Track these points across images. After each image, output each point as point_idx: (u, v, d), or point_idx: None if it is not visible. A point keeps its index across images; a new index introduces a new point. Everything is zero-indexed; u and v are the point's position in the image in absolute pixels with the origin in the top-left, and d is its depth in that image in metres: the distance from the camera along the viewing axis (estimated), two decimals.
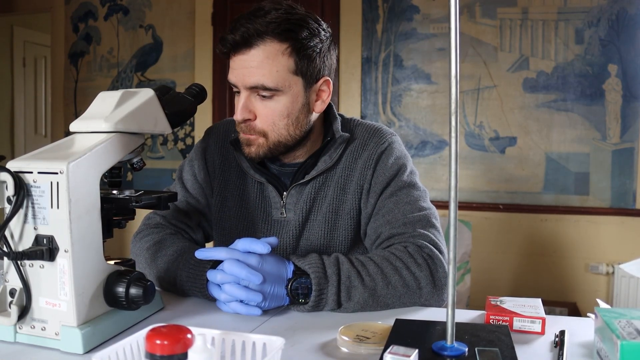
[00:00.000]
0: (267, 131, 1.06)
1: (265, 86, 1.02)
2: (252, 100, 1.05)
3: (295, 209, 1.13)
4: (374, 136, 1.15)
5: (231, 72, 1.05)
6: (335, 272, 0.93)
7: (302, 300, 0.92)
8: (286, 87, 1.03)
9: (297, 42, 1.02)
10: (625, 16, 2.74)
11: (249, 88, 1.03)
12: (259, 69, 1.01)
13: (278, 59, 1.01)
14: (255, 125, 1.06)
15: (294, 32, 1.01)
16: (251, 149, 1.08)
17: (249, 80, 1.02)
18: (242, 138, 1.09)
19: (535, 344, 0.80)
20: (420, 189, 1.12)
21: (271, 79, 1.01)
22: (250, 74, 1.01)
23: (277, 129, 1.06)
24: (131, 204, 0.89)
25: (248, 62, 1.01)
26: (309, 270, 0.92)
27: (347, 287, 0.93)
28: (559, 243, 2.89)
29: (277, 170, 1.16)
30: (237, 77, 1.04)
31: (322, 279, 0.92)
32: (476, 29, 2.95)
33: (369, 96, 3.14)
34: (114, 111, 0.87)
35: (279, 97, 1.04)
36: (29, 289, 0.78)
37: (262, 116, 1.05)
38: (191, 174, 1.22)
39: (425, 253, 1.00)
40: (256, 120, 1.05)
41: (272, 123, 1.05)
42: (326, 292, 0.92)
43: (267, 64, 1.00)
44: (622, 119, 2.77)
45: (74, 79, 3.82)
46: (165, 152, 3.60)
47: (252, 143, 1.07)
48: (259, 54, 1.00)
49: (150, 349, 0.48)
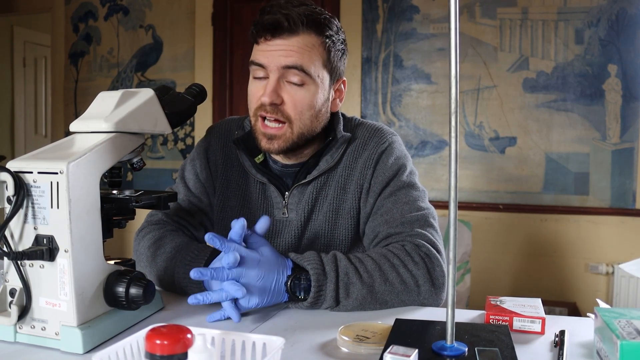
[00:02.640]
0: (294, 119, 1.06)
1: (303, 68, 1.03)
2: (282, 85, 1.05)
3: (297, 209, 1.13)
4: (374, 136, 1.16)
5: (261, 54, 1.04)
6: (334, 268, 0.94)
7: (300, 297, 0.92)
8: (317, 78, 1.06)
9: (329, 39, 1.06)
10: (625, 16, 2.74)
11: (284, 68, 1.03)
12: (299, 54, 1.03)
13: (316, 49, 1.05)
14: (283, 109, 1.05)
15: (329, 28, 1.06)
16: (273, 143, 1.07)
17: (285, 60, 1.02)
18: (264, 132, 1.07)
19: (535, 344, 0.80)
20: (420, 189, 1.13)
21: (309, 65, 1.04)
22: (289, 55, 1.03)
23: (303, 119, 1.07)
24: (131, 204, 0.89)
25: (288, 46, 1.03)
26: (307, 266, 0.93)
27: (345, 283, 0.94)
28: (559, 243, 2.89)
29: (279, 171, 1.17)
30: (271, 57, 1.03)
31: (320, 276, 0.92)
32: (476, 29, 2.95)
33: (369, 96, 3.14)
34: (114, 111, 0.87)
35: (309, 87, 1.05)
36: (29, 289, 0.78)
37: (290, 102, 1.05)
38: (193, 173, 1.22)
39: (423, 252, 1.00)
40: (283, 106, 1.05)
41: (300, 111, 1.06)
42: (325, 289, 0.92)
43: (307, 51, 1.04)
44: (622, 119, 2.77)
45: (74, 79, 3.82)
46: (165, 152, 3.60)
47: (277, 136, 1.07)
48: (299, 40, 1.03)
49: (150, 349, 0.48)
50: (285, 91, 1.05)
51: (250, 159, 1.15)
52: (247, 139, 1.16)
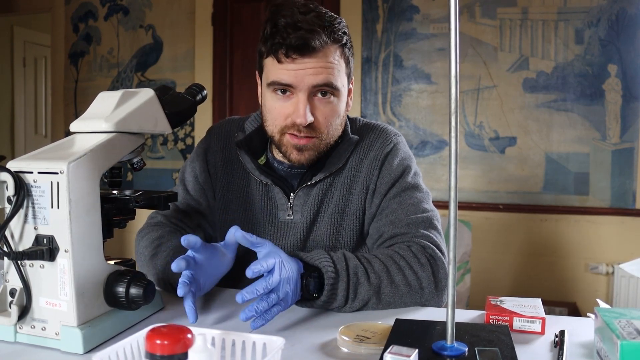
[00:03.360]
0: (324, 131, 1.06)
1: (333, 84, 1.03)
2: (312, 101, 1.04)
3: (302, 211, 1.13)
4: (379, 137, 1.16)
5: (288, 73, 1.01)
6: (344, 267, 0.94)
7: (315, 295, 0.92)
8: (342, 88, 1.07)
9: (344, 46, 1.06)
10: (625, 16, 2.74)
11: (314, 87, 1.02)
12: (328, 70, 1.02)
13: (338, 60, 1.04)
14: (315, 126, 1.05)
15: (343, 33, 1.05)
16: (304, 154, 1.07)
17: (316, 79, 1.01)
18: (295, 144, 1.06)
19: (535, 343, 0.80)
20: (424, 191, 1.13)
21: (336, 79, 1.04)
22: (319, 73, 1.01)
23: (332, 129, 1.08)
24: (131, 204, 0.89)
25: (317, 64, 1.01)
26: (319, 265, 0.92)
27: (354, 283, 0.94)
28: (559, 243, 2.89)
29: (285, 172, 1.16)
30: (300, 77, 1.01)
31: (333, 274, 0.92)
32: (476, 29, 2.95)
33: (369, 96, 3.14)
34: (114, 111, 0.87)
35: (335, 98, 1.06)
36: (29, 289, 0.78)
37: (322, 118, 1.05)
38: (192, 175, 1.22)
39: (428, 254, 1.00)
40: (315, 122, 1.05)
41: (329, 123, 1.07)
42: (337, 287, 0.92)
43: (334, 65, 1.03)
44: (622, 119, 2.77)
45: (74, 79, 3.82)
46: (165, 152, 3.60)
47: (307, 148, 1.06)
48: (326, 56, 1.02)
49: (150, 349, 0.48)
50: (315, 108, 1.04)
51: (253, 160, 1.15)
52: (250, 141, 1.16)
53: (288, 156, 1.09)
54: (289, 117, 1.04)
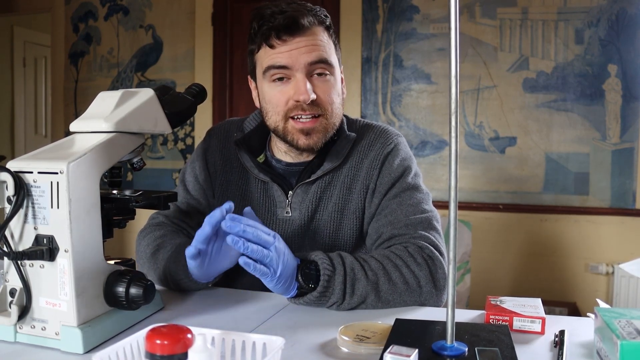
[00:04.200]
0: (328, 109, 1.09)
1: (327, 60, 1.07)
2: (310, 79, 1.06)
3: (300, 208, 1.14)
4: (380, 137, 1.17)
5: (282, 55, 1.05)
6: (341, 262, 0.95)
7: (311, 285, 0.93)
8: (336, 66, 1.10)
9: (330, 29, 1.11)
10: (625, 16, 2.74)
11: (310, 64, 1.05)
12: (320, 47, 1.06)
13: (328, 41, 1.09)
14: (318, 103, 1.07)
15: (326, 18, 1.10)
16: (312, 137, 1.09)
17: (310, 56, 1.05)
18: (301, 129, 1.08)
19: (535, 343, 0.80)
20: (424, 192, 1.13)
21: (330, 55, 1.08)
22: (312, 50, 1.05)
23: (334, 108, 1.10)
24: (131, 204, 0.89)
25: (309, 42, 1.05)
26: (315, 258, 0.94)
27: (351, 278, 0.94)
28: (559, 243, 2.89)
29: (283, 170, 1.17)
30: (295, 56, 1.05)
31: (329, 266, 0.93)
32: (476, 29, 2.95)
33: (369, 96, 3.14)
34: (114, 111, 0.87)
35: (331, 76, 1.09)
36: (29, 289, 0.78)
37: (323, 95, 1.08)
38: (192, 175, 1.23)
39: (426, 254, 1.01)
40: (317, 100, 1.07)
41: (331, 101, 1.09)
42: (333, 280, 0.93)
43: (323, 44, 1.07)
44: (621, 119, 2.77)
45: (74, 79, 3.82)
46: (165, 152, 3.60)
47: (314, 129, 1.08)
48: (314, 36, 1.06)
49: (150, 349, 0.48)
50: (315, 86, 1.07)
51: (252, 158, 1.16)
52: (249, 139, 1.18)
53: (295, 143, 1.09)
54: (291, 99, 1.06)
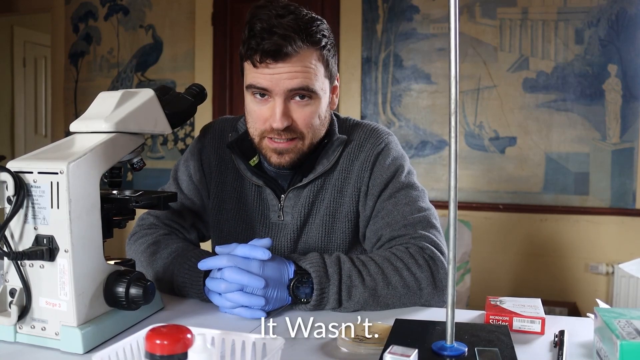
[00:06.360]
0: (305, 133, 1.05)
1: (310, 88, 1.01)
2: (288, 105, 1.03)
3: (293, 212, 1.13)
4: (370, 137, 1.14)
5: (264, 77, 1.00)
6: (337, 271, 0.93)
7: (304, 300, 0.93)
8: (321, 91, 1.05)
9: (324, 47, 1.03)
10: (625, 16, 2.74)
11: (290, 91, 1.01)
12: (303, 74, 1.00)
13: (316, 63, 1.02)
14: (293, 128, 1.04)
15: (322, 35, 1.02)
16: (284, 157, 1.06)
17: (291, 83, 1.00)
18: (273, 148, 1.06)
19: (535, 344, 0.80)
20: (419, 189, 1.12)
21: (313, 83, 1.02)
22: (294, 77, 1.00)
23: (312, 130, 1.06)
24: (131, 204, 0.89)
25: (292, 69, 0.99)
26: (310, 269, 0.92)
27: (347, 286, 0.93)
28: (559, 243, 2.89)
29: (275, 173, 1.15)
30: (275, 81, 1.00)
31: (323, 278, 0.92)
32: (476, 29, 2.95)
33: (369, 96, 3.14)
34: (114, 111, 0.87)
35: (314, 101, 1.04)
36: (29, 289, 0.78)
37: (300, 120, 1.04)
38: (186, 174, 1.22)
39: (427, 254, 1.00)
40: (294, 124, 1.04)
41: (310, 125, 1.05)
42: (327, 292, 0.92)
43: (310, 69, 1.01)
44: (621, 119, 2.77)
45: (74, 79, 3.82)
46: (165, 152, 3.60)
47: (287, 151, 1.06)
48: (301, 60, 1.00)
49: (150, 349, 0.48)
50: (293, 110, 1.03)
51: (244, 161, 1.14)
52: (241, 142, 1.15)
53: (268, 160, 1.08)
54: (267, 121, 1.04)
